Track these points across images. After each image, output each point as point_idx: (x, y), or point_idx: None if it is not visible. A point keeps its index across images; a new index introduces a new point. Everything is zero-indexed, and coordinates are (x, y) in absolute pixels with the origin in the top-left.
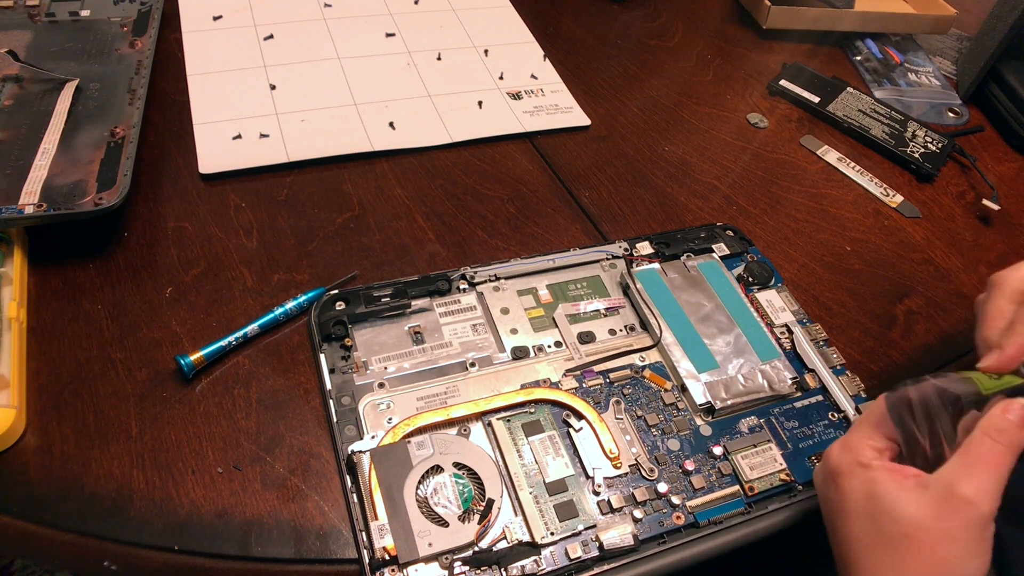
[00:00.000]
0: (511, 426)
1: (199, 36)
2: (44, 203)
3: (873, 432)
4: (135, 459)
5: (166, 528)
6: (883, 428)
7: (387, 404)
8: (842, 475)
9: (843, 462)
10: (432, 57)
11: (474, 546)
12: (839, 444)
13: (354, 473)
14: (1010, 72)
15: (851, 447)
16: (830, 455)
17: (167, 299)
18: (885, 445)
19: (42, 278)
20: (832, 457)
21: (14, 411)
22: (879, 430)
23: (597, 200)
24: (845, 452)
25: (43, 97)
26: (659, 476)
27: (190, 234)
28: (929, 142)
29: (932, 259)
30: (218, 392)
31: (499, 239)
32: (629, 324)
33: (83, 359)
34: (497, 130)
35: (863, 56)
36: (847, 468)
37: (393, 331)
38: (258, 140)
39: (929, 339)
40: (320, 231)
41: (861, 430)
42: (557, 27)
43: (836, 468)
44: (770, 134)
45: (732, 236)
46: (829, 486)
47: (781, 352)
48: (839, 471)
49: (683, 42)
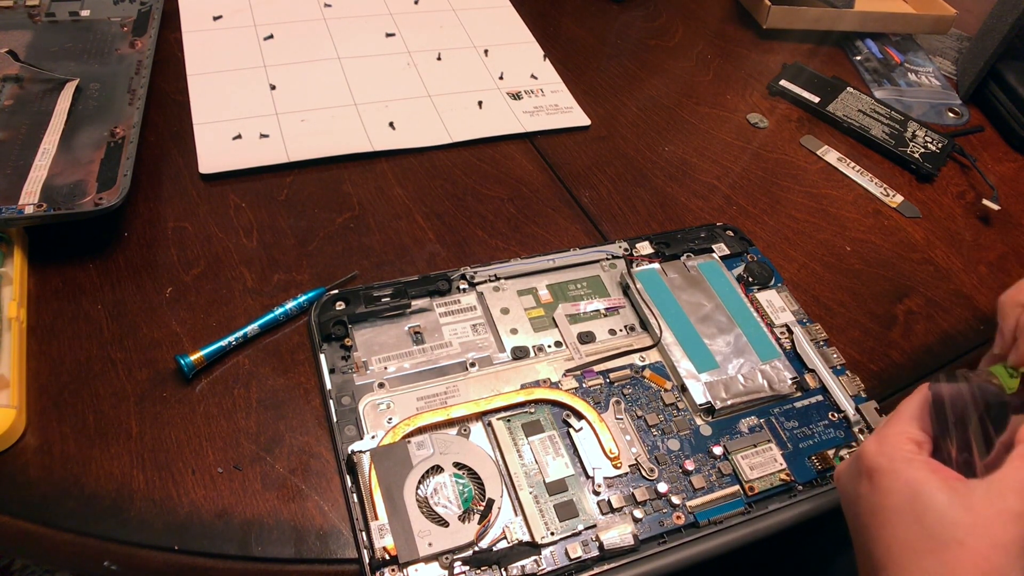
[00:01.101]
0: (511, 426)
1: (199, 36)
2: (44, 203)
3: (911, 426)
4: (135, 459)
5: (166, 528)
6: (921, 421)
7: (387, 404)
8: (882, 472)
9: (882, 459)
10: (432, 57)
11: (474, 546)
12: (876, 439)
13: (354, 473)
14: (1010, 72)
15: (890, 442)
16: (867, 451)
17: (167, 299)
18: (923, 439)
19: (42, 278)
20: (870, 453)
21: (14, 411)
22: (917, 423)
23: (597, 200)
24: (884, 447)
25: (43, 97)
26: (659, 476)
27: (190, 234)
28: (929, 142)
29: (932, 259)
30: (218, 392)
31: (499, 239)
32: (629, 324)
33: (83, 359)
34: (497, 130)
35: (863, 56)
36: (888, 465)
37: (393, 331)
38: (258, 140)
39: (929, 339)
40: (320, 231)
41: (899, 424)
42: (557, 27)
43: (875, 465)
44: (770, 134)
45: (732, 236)
46: (862, 484)
47: (781, 352)
48: (878, 468)
49: (683, 42)
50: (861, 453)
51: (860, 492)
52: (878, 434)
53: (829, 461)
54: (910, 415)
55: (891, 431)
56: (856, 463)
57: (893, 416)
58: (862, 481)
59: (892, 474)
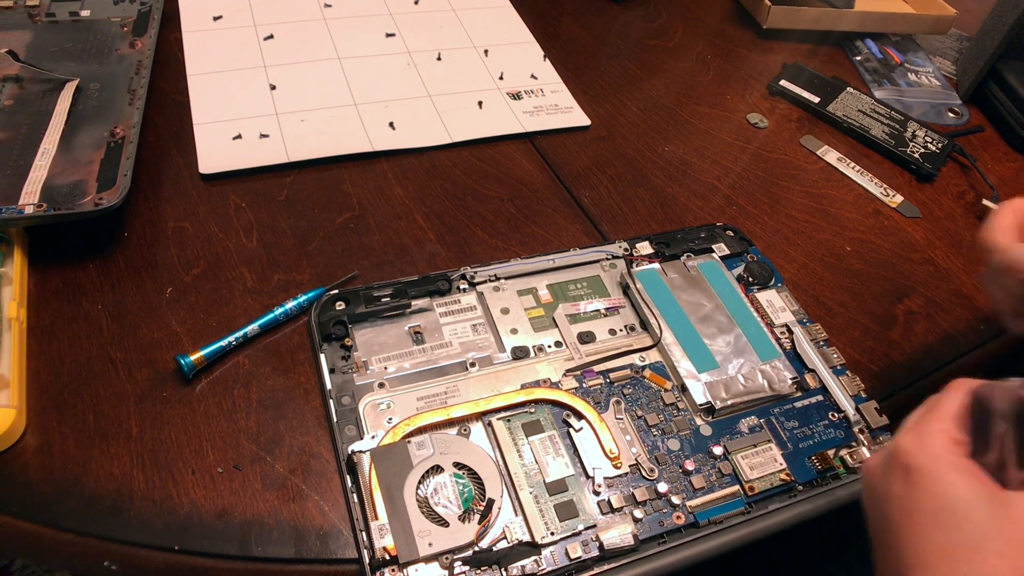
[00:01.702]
0: (511, 426)
1: (199, 36)
2: (44, 203)
3: (952, 424)
4: (135, 459)
5: (166, 528)
6: (963, 421)
7: (387, 404)
8: (921, 472)
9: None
10: (432, 57)
11: (474, 546)
12: (914, 435)
13: (354, 473)
14: (1010, 72)
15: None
16: (904, 448)
17: (167, 299)
18: (964, 439)
19: (42, 278)
20: (908, 451)
21: (14, 411)
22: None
23: (597, 200)
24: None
25: (43, 97)
26: (659, 476)
27: (190, 234)
28: (929, 142)
29: (932, 259)
30: (218, 392)
31: (499, 239)
32: (629, 324)
33: (83, 359)
34: (497, 130)
35: (863, 56)
36: (929, 465)
37: (393, 331)
38: (258, 140)
39: (929, 339)
40: (320, 231)
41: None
42: (557, 27)
43: (914, 464)
44: (770, 134)
45: (732, 236)
46: (896, 481)
47: (781, 352)
48: (918, 468)
49: (683, 42)
50: (897, 449)
51: (893, 490)
52: (916, 430)
53: (829, 461)
54: (952, 413)
55: (932, 428)
56: (890, 459)
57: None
58: (896, 478)
59: (933, 475)
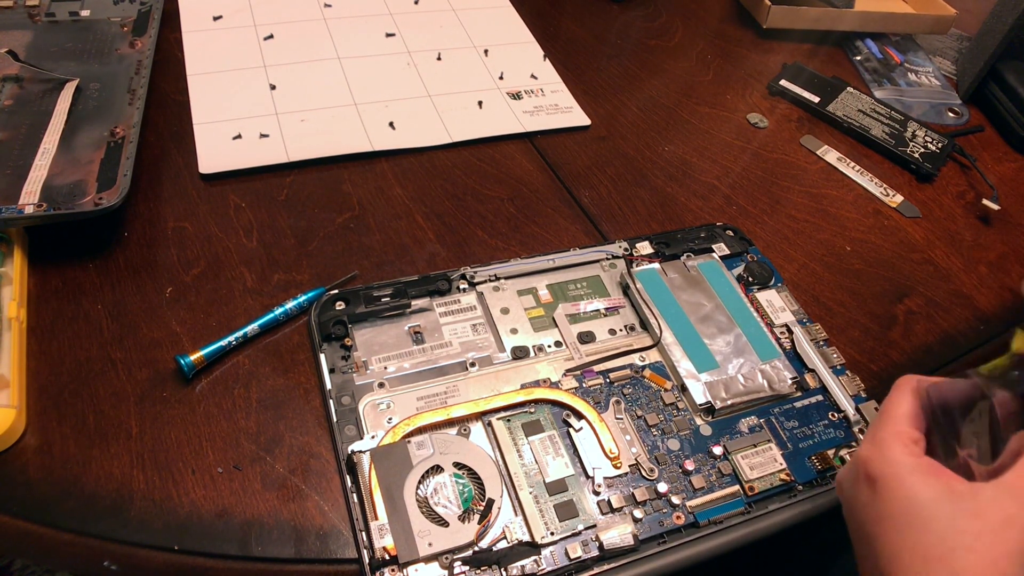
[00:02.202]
0: (511, 426)
1: (199, 36)
2: (44, 203)
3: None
4: (135, 459)
5: (166, 528)
6: (914, 419)
7: (387, 404)
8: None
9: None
10: (432, 57)
11: (474, 546)
12: (870, 443)
13: (354, 473)
14: (1010, 72)
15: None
16: (864, 457)
17: (167, 299)
18: (919, 437)
19: (42, 278)
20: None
21: (14, 411)
22: (910, 421)
23: (597, 200)
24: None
25: (43, 97)
26: (659, 476)
27: (190, 234)
28: (929, 142)
29: (932, 259)
30: (218, 392)
31: (499, 239)
32: (629, 324)
33: (83, 359)
34: (497, 130)
35: (863, 56)
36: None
37: (393, 331)
38: (258, 140)
39: (929, 339)
40: (320, 231)
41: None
42: (557, 27)
43: (875, 472)
44: (770, 134)
45: (732, 236)
46: (863, 491)
47: (781, 352)
48: (879, 475)
49: (683, 42)
50: (858, 459)
51: (861, 499)
52: (872, 437)
53: (829, 461)
54: (902, 413)
55: (886, 433)
56: (855, 469)
57: (883, 416)
58: (863, 488)
59: (894, 480)
